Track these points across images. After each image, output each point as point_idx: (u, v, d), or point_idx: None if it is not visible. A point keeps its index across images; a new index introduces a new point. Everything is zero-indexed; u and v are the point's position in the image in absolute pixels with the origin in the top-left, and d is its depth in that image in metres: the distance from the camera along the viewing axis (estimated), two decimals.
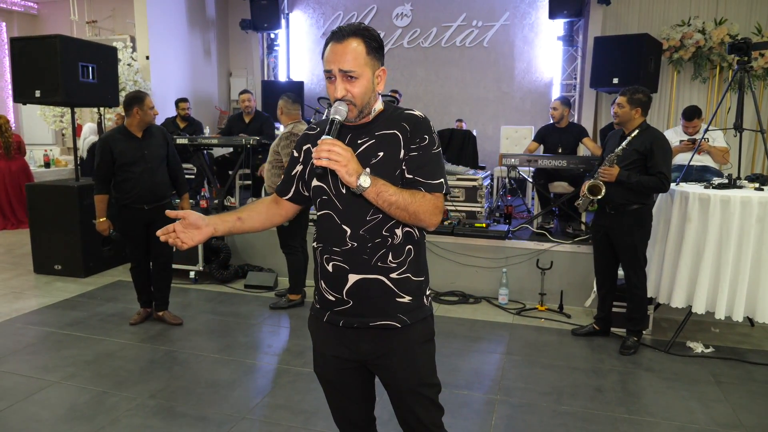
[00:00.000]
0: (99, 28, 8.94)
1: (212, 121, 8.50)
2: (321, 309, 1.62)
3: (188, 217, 1.54)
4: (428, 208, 1.47)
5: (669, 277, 3.70)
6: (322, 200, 1.55)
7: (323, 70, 1.48)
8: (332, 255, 1.53)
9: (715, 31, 6.46)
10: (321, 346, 1.66)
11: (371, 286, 1.52)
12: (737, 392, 3.09)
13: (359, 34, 1.45)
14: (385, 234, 1.50)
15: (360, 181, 1.37)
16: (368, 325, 1.55)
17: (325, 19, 8.16)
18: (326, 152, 1.34)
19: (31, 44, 4.90)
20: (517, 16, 7.43)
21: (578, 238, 4.58)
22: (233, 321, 4.10)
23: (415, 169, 1.50)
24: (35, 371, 3.22)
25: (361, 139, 1.51)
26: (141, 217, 3.74)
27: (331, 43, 1.46)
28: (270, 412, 2.82)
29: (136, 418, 2.74)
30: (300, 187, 1.66)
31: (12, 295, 4.60)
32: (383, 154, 1.49)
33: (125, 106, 3.66)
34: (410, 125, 1.51)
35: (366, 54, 1.46)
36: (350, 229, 1.50)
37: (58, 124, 7.33)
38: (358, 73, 1.44)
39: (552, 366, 3.39)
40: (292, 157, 1.67)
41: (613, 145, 3.59)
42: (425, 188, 1.49)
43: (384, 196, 1.41)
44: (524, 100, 7.52)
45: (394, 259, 1.52)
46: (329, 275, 1.55)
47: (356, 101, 1.46)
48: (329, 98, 1.51)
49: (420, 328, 1.59)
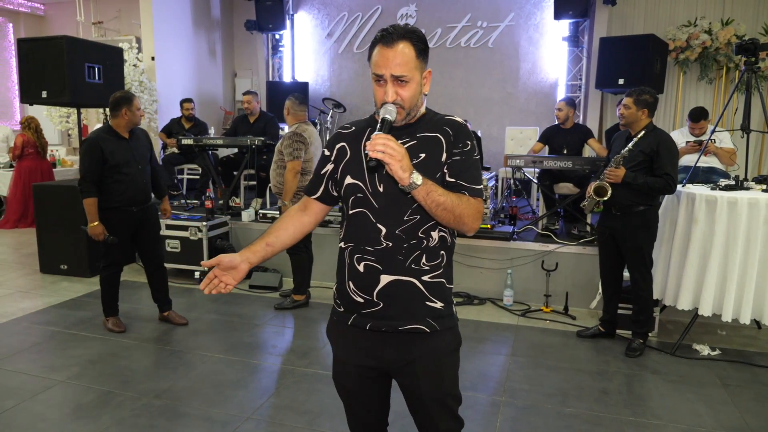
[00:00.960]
0: (105, 29, 8.97)
1: (217, 122, 8.52)
2: (345, 312, 1.59)
3: (222, 261, 1.54)
4: (472, 212, 1.47)
5: (675, 279, 3.69)
6: (356, 198, 1.52)
7: (371, 73, 1.47)
8: (364, 254, 1.51)
9: (722, 31, 6.43)
10: (343, 355, 1.63)
11: (403, 289, 1.50)
12: (744, 395, 3.07)
13: (408, 36, 1.44)
14: (421, 236, 1.49)
15: (413, 178, 1.36)
16: (397, 329, 1.53)
17: (330, 19, 8.16)
18: (382, 145, 1.33)
19: (38, 45, 4.93)
20: (522, 17, 7.41)
21: (583, 240, 4.57)
22: (238, 321, 4.10)
23: (458, 173, 1.50)
24: (41, 370, 3.24)
25: (402, 140, 1.49)
26: (129, 219, 3.70)
27: (379, 47, 1.45)
28: (275, 412, 2.83)
29: (142, 417, 2.75)
30: (329, 187, 1.63)
31: (18, 295, 4.62)
32: (425, 156, 1.49)
33: (113, 106, 3.62)
34: (453, 130, 1.52)
35: (415, 57, 1.46)
36: (385, 229, 1.49)
37: (64, 125, 7.36)
38: (408, 77, 1.44)
39: (557, 368, 3.38)
40: (322, 155, 1.64)
41: (618, 147, 3.58)
42: (469, 192, 1.49)
43: (433, 196, 1.40)
44: (529, 100, 7.50)
45: (428, 261, 1.51)
46: (359, 275, 1.53)
47: (405, 104, 1.47)
48: (375, 102, 1.50)
49: (448, 336, 1.57)
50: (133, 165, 3.67)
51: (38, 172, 7.16)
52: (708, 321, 3.88)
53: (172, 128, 6.90)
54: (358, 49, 8.06)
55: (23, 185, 7.15)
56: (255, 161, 5.66)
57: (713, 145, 4.53)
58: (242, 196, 6.05)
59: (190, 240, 4.94)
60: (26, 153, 7.14)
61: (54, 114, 7.25)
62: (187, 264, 4.99)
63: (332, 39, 8.18)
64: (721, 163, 4.61)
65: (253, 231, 5.32)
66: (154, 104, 7.26)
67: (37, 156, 7.19)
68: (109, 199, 3.62)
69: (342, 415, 2.79)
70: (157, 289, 3.99)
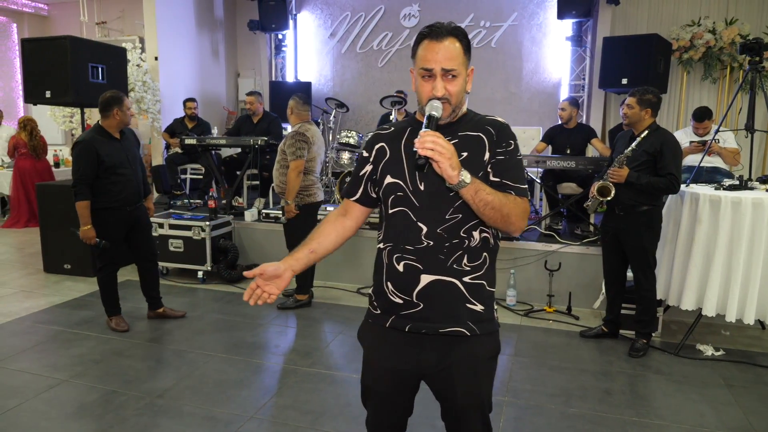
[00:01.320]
0: (108, 29, 8.99)
1: (220, 122, 8.53)
2: (383, 314, 1.57)
3: (265, 271, 1.54)
4: (519, 211, 1.46)
5: (679, 279, 3.68)
6: (397, 197, 1.51)
7: (419, 68, 1.46)
8: (404, 254, 1.50)
9: (726, 31, 6.40)
10: (377, 359, 1.61)
11: (444, 289, 1.48)
12: (748, 396, 3.06)
13: (455, 33, 1.45)
14: (463, 235, 1.48)
15: (462, 176, 1.34)
16: (437, 332, 1.50)
17: (333, 19, 8.16)
18: (431, 143, 1.31)
19: (42, 45, 4.94)
20: (525, 17, 7.40)
21: (587, 240, 4.56)
22: (241, 321, 4.10)
23: (502, 173, 1.49)
24: (45, 369, 3.24)
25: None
26: (123, 219, 3.71)
27: (427, 41, 1.45)
28: (277, 412, 2.83)
29: (144, 417, 2.75)
30: (368, 188, 1.62)
31: (22, 294, 4.63)
32: (467, 155, 1.47)
33: (103, 107, 3.61)
34: (495, 129, 1.51)
35: (463, 53, 1.46)
36: (426, 227, 1.47)
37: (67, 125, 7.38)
38: (457, 72, 1.45)
39: (560, 368, 3.37)
40: (360, 157, 1.63)
41: (622, 146, 3.57)
42: (515, 192, 1.48)
43: (481, 195, 1.38)
44: (532, 100, 7.49)
45: (469, 262, 1.49)
46: (399, 275, 1.51)
47: (452, 100, 1.46)
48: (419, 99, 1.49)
49: (488, 341, 1.55)
50: (128, 165, 3.68)
51: (33, 172, 7.17)
52: (712, 321, 3.87)
53: (175, 128, 6.92)
54: (361, 49, 8.06)
55: (20, 186, 7.20)
56: (258, 161, 5.66)
57: (717, 145, 4.51)
58: (245, 196, 6.05)
59: (193, 240, 4.95)
60: (20, 153, 7.18)
61: (57, 114, 7.27)
62: (190, 264, 5.00)
63: (335, 39, 8.19)
64: (725, 163, 4.59)
65: (256, 231, 5.32)
66: (157, 104, 7.27)
67: (30, 156, 7.19)
68: (106, 200, 3.61)
69: (344, 414, 2.80)
70: (153, 287, 4.01)
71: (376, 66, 8.03)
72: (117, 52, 5.43)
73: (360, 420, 2.73)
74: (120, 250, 3.81)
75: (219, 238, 5.07)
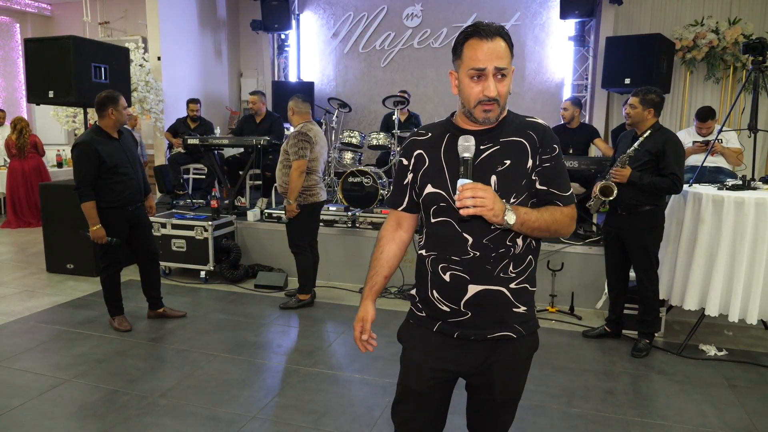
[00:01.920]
0: (111, 29, 9.01)
1: (223, 122, 8.54)
2: (429, 318, 1.57)
3: (367, 320, 1.66)
4: (567, 222, 1.48)
5: (682, 279, 3.67)
6: (440, 207, 1.50)
7: (470, 69, 1.41)
8: (450, 264, 1.49)
9: (729, 30, 6.39)
10: (419, 357, 1.59)
11: (492, 298, 1.49)
12: (751, 396, 3.06)
13: (502, 33, 1.42)
14: (509, 244, 1.47)
15: (506, 218, 1.35)
16: (486, 338, 1.52)
17: (336, 19, 8.16)
18: (471, 199, 1.31)
19: (45, 45, 4.95)
20: (527, 17, 7.40)
21: (589, 240, 4.55)
22: (243, 321, 4.11)
23: (549, 182, 1.47)
24: (48, 369, 3.25)
25: (484, 145, 1.46)
26: (125, 218, 3.71)
27: (475, 39, 1.40)
28: (280, 411, 2.83)
29: (147, 416, 2.76)
30: (413, 196, 1.61)
31: (25, 294, 4.65)
32: (510, 162, 1.45)
33: (98, 107, 3.61)
34: (537, 134, 1.48)
35: (510, 54, 1.44)
36: (472, 238, 1.46)
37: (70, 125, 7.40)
38: (508, 71, 1.42)
39: (563, 368, 3.37)
40: (400, 164, 1.61)
41: (624, 146, 3.56)
42: (561, 201, 1.48)
43: (528, 224, 1.40)
44: (535, 100, 7.48)
45: (514, 268, 1.49)
46: (445, 285, 1.51)
47: (502, 101, 1.44)
48: (466, 102, 1.44)
49: (530, 341, 1.57)
50: (128, 165, 3.69)
51: (20, 171, 7.17)
52: (714, 321, 3.86)
53: (177, 128, 6.93)
54: (364, 49, 8.06)
55: (12, 186, 7.20)
56: (260, 161, 5.67)
57: (720, 145, 4.50)
58: (248, 196, 6.05)
59: (195, 239, 4.95)
60: (11, 154, 7.19)
61: (60, 114, 7.28)
62: (193, 263, 5.01)
63: (338, 39, 8.19)
64: (728, 162, 4.58)
65: (259, 230, 5.33)
66: (160, 104, 7.29)
67: (18, 156, 7.17)
68: (108, 200, 3.62)
69: (347, 414, 2.80)
70: (154, 287, 4.02)
71: (378, 66, 8.03)
72: (120, 52, 5.43)
73: (362, 420, 2.74)
74: (123, 250, 3.82)
75: (221, 238, 5.08)
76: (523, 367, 1.59)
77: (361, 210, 5.26)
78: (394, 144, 5.78)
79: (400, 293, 4.68)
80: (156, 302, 4.05)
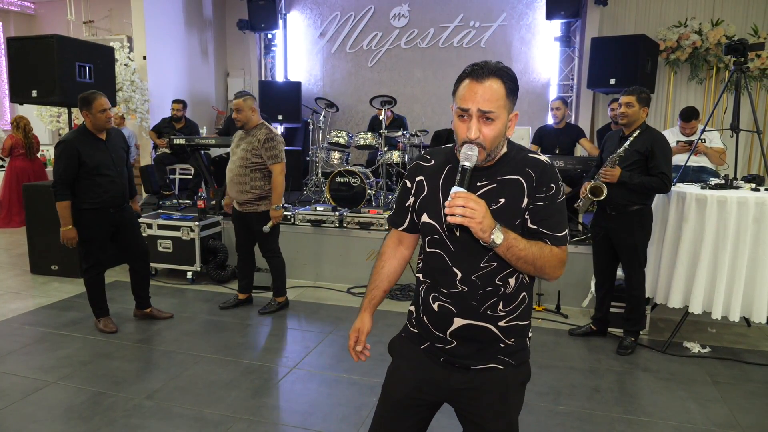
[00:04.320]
0: (96, 28, 8.91)
1: (209, 122, 8.49)
2: (420, 335, 1.58)
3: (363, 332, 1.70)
4: (554, 263, 1.43)
5: (666, 278, 3.71)
6: (433, 239, 1.50)
7: (457, 107, 1.40)
8: (440, 295, 1.50)
9: (712, 32, 6.48)
10: (407, 367, 1.60)
11: (477, 333, 1.48)
12: (734, 392, 3.10)
13: (499, 74, 1.38)
14: (498, 283, 1.45)
15: (493, 237, 1.32)
16: (469, 367, 1.51)
17: (323, 19, 8.15)
18: (461, 208, 1.28)
19: (28, 44, 4.89)
20: (514, 17, 7.44)
21: (575, 239, 4.59)
22: (230, 321, 4.09)
23: (540, 221, 1.44)
24: (32, 371, 3.21)
25: (481, 182, 1.44)
26: (108, 220, 3.67)
27: (468, 81, 1.39)
28: (267, 412, 2.82)
29: (133, 418, 2.73)
30: (414, 218, 1.60)
31: (9, 296, 4.59)
32: (504, 201, 1.43)
33: (78, 108, 3.57)
34: (536, 172, 1.44)
35: (505, 96, 1.39)
36: (461, 273, 1.45)
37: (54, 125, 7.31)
38: (495, 115, 1.37)
39: (549, 366, 3.39)
40: (404, 187, 1.61)
41: (611, 146, 3.58)
42: (551, 241, 1.44)
43: (514, 251, 1.36)
44: (522, 100, 7.51)
45: (504, 307, 1.47)
46: (434, 314, 1.52)
47: (487, 144, 1.38)
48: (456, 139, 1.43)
49: (521, 370, 1.55)
50: (112, 167, 3.63)
51: (30, 172, 7.14)
52: (698, 319, 3.91)
53: (162, 128, 6.86)
54: (351, 49, 8.06)
55: (14, 185, 7.15)
56: None
57: (703, 145, 4.56)
58: None
59: (182, 240, 4.92)
60: (16, 153, 7.13)
61: (44, 114, 7.19)
62: (180, 264, 4.97)
63: (325, 38, 8.17)
64: (711, 162, 4.64)
65: None
66: (146, 104, 7.22)
67: (26, 156, 7.18)
68: (89, 201, 3.57)
69: (334, 414, 2.80)
70: (143, 287, 3.99)
71: (365, 66, 8.03)
72: (105, 52, 5.38)
73: (350, 420, 2.74)
74: (106, 252, 3.78)
75: (208, 239, 5.05)
76: (514, 398, 1.55)
77: (349, 210, 5.26)
78: (381, 144, 5.78)
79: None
80: (143, 302, 4.02)
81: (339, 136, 5.99)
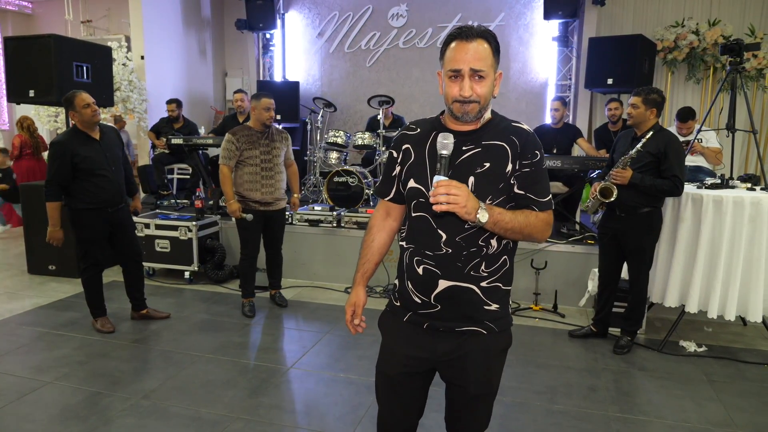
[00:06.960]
0: (94, 28, 8.91)
1: (208, 121, 8.48)
2: (402, 308, 1.64)
3: (358, 305, 1.76)
4: (541, 227, 1.50)
5: (662, 277, 3.72)
6: (419, 202, 1.54)
7: (448, 70, 1.46)
8: (424, 258, 1.53)
9: (709, 32, 6.49)
10: (394, 344, 1.66)
11: (461, 294, 1.53)
12: (729, 391, 3.11)
13: (485, 35, 1.45)
14: (481, 244, 1.50)
15: (479, 216, 1.38)
16: (453, 330, 1.56)
17: (321, 19, 8.15)
18: (444, 196, 1.34)
19: (26, 44, 4.89)
20: (512, 17, 7.44)
21: (573, 238, 4.60)
22: (227, 321, 4.09)
23: (526, 186, 1.50)
24: (29, 371, 3.21)
25: (467, 146, 1.49)
26: (104, 220, 3.66)
27: (456, 42, 1.44)
28: (264, 411, 2.82)
29: (130, 418, 2.74)
30: (399, 187, 1.64)
31: (6, 296, 4.58)
32: (489, 165, 1.48)
33: (65, 110, 3.56)
34: (520, 140, 1.50)
35: (492, 55, 1.46)
36: (446, 235, 1.50)
37: (52, 124, 7.30)
38: (485, 73, 1.44)
39: (546, 365, 3.40)
40: (390, 156, 1.65)
41: (623, 147, 3.51)
42: (537, 206, 1.50)
43: (501, 225, 1.43)
44: (520, 100, 7.53)
45: (486, 268, 1.53)
46: (418, 278, 1.56)
47: (481, 100, 1.45)
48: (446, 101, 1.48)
49: (501, 336, 1.61)
50: (107, 167, 3.61)
51: (38, 171, 7.11)
52: (694, 318, 3.92)
53: (160, 128, 6.86)
54: (349, 49, 8.06)
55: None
56: None
57: (700, 145, 4.57)
58: None
59: (179, 240, 4.92)
60: (24, 153, 7.12)
61: (42, 113, 7.19)
62: (177, 264, 4.98)
63: (323, 38, 8.18)
64: (708, 162, 4.66)
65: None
66: (143, 103, 7.22)
67: (33, 156, 7.15)
68: (84, 201, 3.57)
69: (332, 413, 2.80)
70: (138, 288, 3.99)
71: (364, 66, 8.03)
72: (102, 51, 5.38)
73: (347, 419, 2.75)
74: (104, 252, 3.78)
75: (206, 239, 5.05)
76: (496, 363, 1.62)
77: (347, 210, 5.27)
78: (379, 144, 5.78)
79: (386, 292, 4.69)
80: (139, 303, 4.02)
81: (337, 136, 6.00)
